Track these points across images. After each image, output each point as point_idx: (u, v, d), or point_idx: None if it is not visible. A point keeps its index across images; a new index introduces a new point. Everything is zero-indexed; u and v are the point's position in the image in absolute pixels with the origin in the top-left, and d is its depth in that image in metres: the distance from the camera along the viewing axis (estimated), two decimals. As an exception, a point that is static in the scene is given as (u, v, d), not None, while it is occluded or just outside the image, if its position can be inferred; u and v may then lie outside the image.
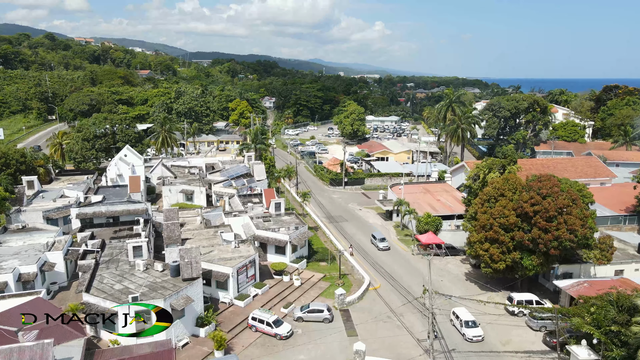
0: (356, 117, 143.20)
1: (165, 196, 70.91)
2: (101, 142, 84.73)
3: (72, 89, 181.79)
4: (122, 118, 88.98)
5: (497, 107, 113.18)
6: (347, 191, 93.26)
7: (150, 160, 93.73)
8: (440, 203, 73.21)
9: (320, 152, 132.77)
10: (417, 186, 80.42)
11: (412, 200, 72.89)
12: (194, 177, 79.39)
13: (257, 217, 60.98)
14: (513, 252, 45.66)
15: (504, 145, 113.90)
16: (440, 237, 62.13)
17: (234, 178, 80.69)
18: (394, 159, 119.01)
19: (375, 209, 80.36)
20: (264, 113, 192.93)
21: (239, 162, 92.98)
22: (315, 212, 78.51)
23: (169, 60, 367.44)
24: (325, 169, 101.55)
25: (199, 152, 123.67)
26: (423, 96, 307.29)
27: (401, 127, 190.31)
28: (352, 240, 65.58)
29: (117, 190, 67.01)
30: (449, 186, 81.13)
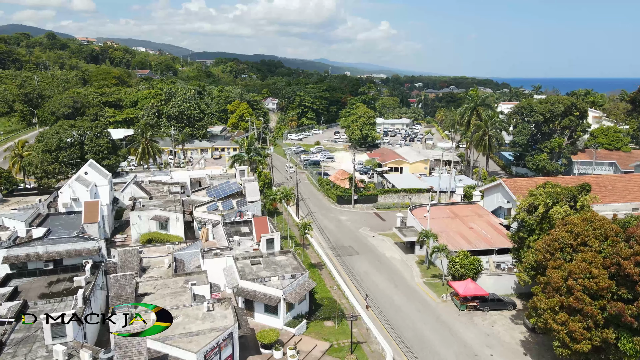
0: (366, 121, 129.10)
1: (134, 224, 57.32)
2: (65, 154, 71.34)
3: (64, 89, 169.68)
4: (92, 125, 75.46)
5: (528, 110, 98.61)
6: (357, 211, 79.26)
7: (127, 175, 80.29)
8: (473, 232, 59.04)
9: (326, 161, 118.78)
10: (443, 209, 66.30)
11: (438, 227, 58.86)
12: (174, 197, 65.72)
13: (244, 257, 47.21)
14: (604, 329, 31.55)
15: (535, 154, 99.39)
16: (480, 282, 48.02)
17: (221, 199, 66.95)
18: (409, 169, 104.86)
19: (391, 236, 66.33)
20: (266, 115, 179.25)
21: (230, 177, 79.27)
22: (318, 240, 64.66)
23: (170, 60, 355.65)
24: (331, 184, 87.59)
25: (190, 162, 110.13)
26: (433, 96, 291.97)
27: (413, 131, 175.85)
28: (366, 283, 51.69)
29: (71, 219, 53.49)
30: (482, 209, 66.91)
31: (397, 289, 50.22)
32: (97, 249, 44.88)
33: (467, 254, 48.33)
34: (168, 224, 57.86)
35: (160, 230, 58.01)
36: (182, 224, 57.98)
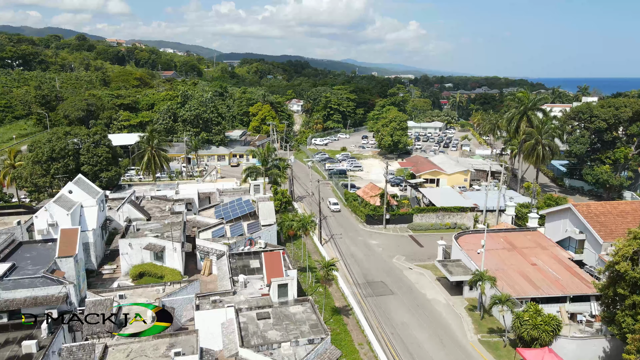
0: (397, 126, 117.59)
1: (124, 254, 47.99)
2: (58, 165, 62.92)
3: (86, 90, 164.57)
4: (90, 132, 66.90)
5: (587, 115, 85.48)
6: (389, 233, 68.24)
7: (129, 188, 71.50)
8: (539, 271, 47.28)
9: (353, 170, 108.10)
10: (495, 237, 54.61)
11: (492, 263, 47.53)
12: (176, 218, 56.23)
13: (250, 307, 37.06)
14: None
15: (595, 165, 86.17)
16: (557, 348, 36.41)
17: (230, 221, 57.16)
18: (446, 181, 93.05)
19: (431, 269, 55.15)
20: (290, 118, 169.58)
21: (244, 192, 69.48)
22: (344, 272, 54.09)
23: (195, 61, 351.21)
24: (359, 199, 76.74)
25: (205, 169, 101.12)
26: (465, 98, 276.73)
27: (447, 136, 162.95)
28: (405, 339, 40.82)
29: (46, 250, 44.51)
30: (544, 238, 54.90)
31: (445, 351, 39.15)
32: (63, 296, 35.52)
33: (541, 310, 36.72)
34: (164, 254, 48.29)
35: (155, 262, 48.52)
36: (181, 255, 48.26)
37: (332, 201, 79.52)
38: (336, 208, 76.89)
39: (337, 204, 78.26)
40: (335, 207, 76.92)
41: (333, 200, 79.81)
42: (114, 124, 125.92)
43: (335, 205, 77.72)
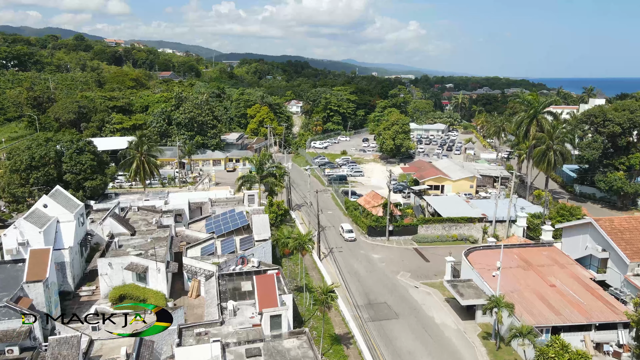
0: (399, 129, 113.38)
1: (104, 274, 43.73)
2: (38, 174, 58.69)
3: (80, 91, 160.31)
4: (73, 138, 62.71)
5: (600, 119, 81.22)
6: (392, 246, 64.01)
7: (116, 198, 67.26)
8: (558, 294, 43.03)
9: (354, 175, 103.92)
10: (509, 253, 50.28)
11: (507, 284, 43.46)
12: (163, 233, 52.03)
13: (238, 341, 32.90)
14: None
15: (608, 171, 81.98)
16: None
17: (222, 235, 53.00)
18: (451, 188, 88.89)
19: (439, 288, 50.93)
20: (289, 120, 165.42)
21: (237, 202, 65.25)
22: (345, 291, 49.87)
23: (194, 61, 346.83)
24: (360, 208, 72.48)
25: (199, 175, 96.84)
26: (467, 98, 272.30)
27: (450, 138, 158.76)
28: (410, 373, 36.63)
29: (16, 272, 40.25)
30: (561, 254, 50.62)
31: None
32: (25, 330, 31.31)
33: (568, 346, 32.44)
34: (147, 274, 44.07)
35: (138, 283, 44.29)
36: (165, 276, 44.04)
37: (345, 228, 66.13)
38: (351, 237, 64.08)
39: (352, 231, 65.28)
40: (349, 236, 64.25)
41: (347, 227, 66.37)
42: (107, 126, 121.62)
43: (349, 233, 64.77)
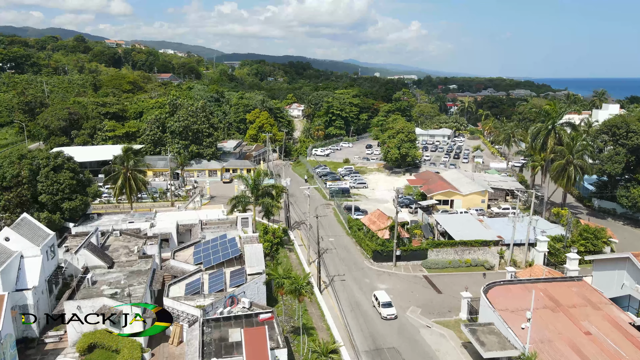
0: (405, 137, 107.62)
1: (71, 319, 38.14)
2: (10, 195, 53.27)
3: (77, 96, 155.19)
4: (50, 155, 57.23)
5: (623, 130, 75.43)
6: (400, 273, 58.30)
7: (99, 219, 61.73)
8: (597, 345, 37.20)
9: (357, 187, 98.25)
10: (532, 289, 44.27)
11: (533, 329, 37.54)
12: (145, 264, 46.44)
13: (220, 417, 27.26)
14: None
15: (631, 186, 76.11)
16: None
17: (211, 267, 47.42)
18: (461, 203, 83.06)
19: (454, 328, 45.26)
20: (290, 125, 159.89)
21: (231, 224, 59.62)
22: (349, 332, 44.19)
23: (194, 62, 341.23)
24: (364, 228, 66.81)
25: (191, 190, 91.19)
26: (471, 100, 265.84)
27: (457, 144, 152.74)
28: None
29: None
30: (593, 291, 44.69)
31: None
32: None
33: None
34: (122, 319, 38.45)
35: (112, 328, 38.73)
36: (142, 322, 38.40)
37: (382, 299, 47.92)
38: (390, 315, 46.57)
39: (390, 305, 47.56)
40: (388, 313, 46.64)
41: (384, 298, 48.18)
42: (98, 134, 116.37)
43: (388, 308, 47.06)
